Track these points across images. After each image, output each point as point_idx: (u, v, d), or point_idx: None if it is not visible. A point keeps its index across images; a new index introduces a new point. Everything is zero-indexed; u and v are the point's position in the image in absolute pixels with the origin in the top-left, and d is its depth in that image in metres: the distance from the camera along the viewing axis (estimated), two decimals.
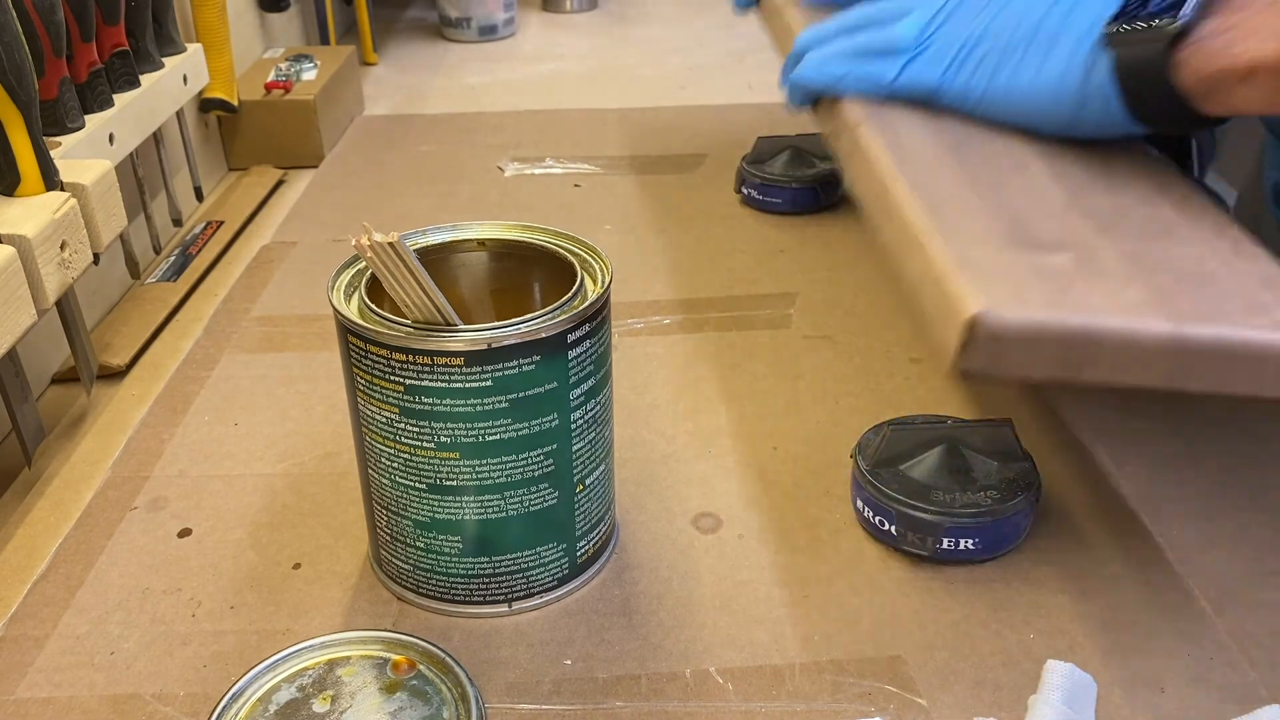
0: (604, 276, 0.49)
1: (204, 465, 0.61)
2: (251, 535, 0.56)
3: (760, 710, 0.46)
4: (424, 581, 0.51)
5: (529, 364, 0.45)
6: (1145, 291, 0.44)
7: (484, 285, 0.53)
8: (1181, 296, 0.44)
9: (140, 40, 0.80)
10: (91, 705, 0.46)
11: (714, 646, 0.49)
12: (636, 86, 1.27)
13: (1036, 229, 0.47)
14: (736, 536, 0.55)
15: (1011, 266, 0.44)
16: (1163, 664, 0.48)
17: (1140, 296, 0.44)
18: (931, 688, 0.47)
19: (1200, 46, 0.47)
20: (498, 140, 1.07)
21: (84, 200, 0.62)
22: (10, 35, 0.58)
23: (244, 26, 1.09)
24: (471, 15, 1.45)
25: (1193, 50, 0.48)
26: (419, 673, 0.44)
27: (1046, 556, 0.53)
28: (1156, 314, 0.42)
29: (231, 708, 0.42)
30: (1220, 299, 0.44)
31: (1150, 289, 0.44)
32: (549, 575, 0.51)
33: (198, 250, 0.86)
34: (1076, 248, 0.46)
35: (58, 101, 0.68)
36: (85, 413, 0.67)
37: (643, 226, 0.89)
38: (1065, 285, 0.44)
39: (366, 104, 1.20)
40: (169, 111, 0.83)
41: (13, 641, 0.50)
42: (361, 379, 0.47)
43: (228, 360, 0.71)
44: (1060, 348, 0.42)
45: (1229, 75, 0.47)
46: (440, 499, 0.48)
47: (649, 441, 0.63)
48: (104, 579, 0.53)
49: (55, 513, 0.58)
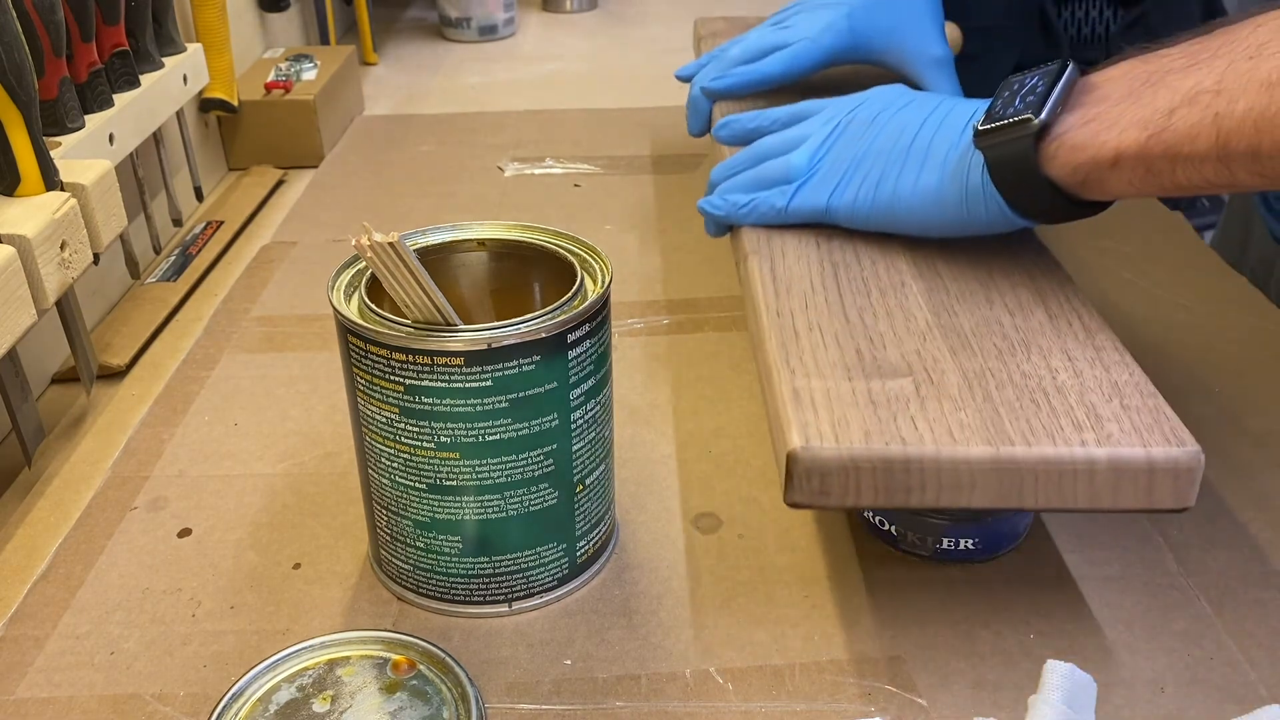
0: (604, 276, 0.49)
1: (204, 465, 0.61)
2: (251, 535, 0.56)
3: (760, 710, 0.46)
4: (424, 581, 0.51)
5: (529, 364, 0.45)
6: (978, 414, 0.46)
7: (484, 285, 0.53)
8: (1015, 416, 0.46)
9: (140, 40, 0.80)
10: (91, 705, 0.46)
11: (714, 646, 0.49)
12: (636, 86, 1.27)
13: (887, 355, 0.50)
14: (736, 536, 0.55)
15: (845, 398, 0.47)
16: (1163, 664, 0.48)
17: (972, 419, 0.46)
18: (931, 688, 0.47)
19: (1065, 139, 0.50)
20: (498, 140, 1.07)
21: (84, 200, 0.62)
22: (10, 35, 0.58)
23: (244, 26, 1.08)
24: (471, 15, 1.45)
25: (1059, 144, 0.50)
26: (419, 673, 0.44)
27: (1046, 556, 0.53)
28: (980, 438, 0.45)
29: (231, 708, 0.42)
30: (1055, 415, 0.46)
31: (985, 411, 0.46)
32: (549, 575, 0.51)
33: (198, 250, 0.86)
34: (921, 372, 0.49)
35: (58, 101, 0.68)
36: (85, 413, 0.67)
37: (643, 226, 0.89)
38: (896, 413, 0.46)
39: (366, 104, 1.20)
40: (169, 111, 0.83)
41: (13, 641, 0.50)
42: (361, 379, 0.47)
43: (228, 360, 0.71)
44: (883, 477, 0.44)
45: (1098, 164, 0.49)
46: (440, 499, 0.48)
47: (649, 441, 0.63)
48: (104, 579, 0.53)
49: (55, 513, 0.58)
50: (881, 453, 0.44)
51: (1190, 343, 0.70)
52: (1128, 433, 0.45)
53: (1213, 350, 0.69)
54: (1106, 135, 0.49)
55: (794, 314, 0.53)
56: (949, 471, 0.44)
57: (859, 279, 0.56)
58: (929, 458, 0.44)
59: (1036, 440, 0.44)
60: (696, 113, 0.80)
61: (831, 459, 0.44)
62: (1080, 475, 0.44)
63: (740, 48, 0.79)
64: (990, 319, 0.53)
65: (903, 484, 0.44)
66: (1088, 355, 0.50)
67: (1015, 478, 0.44)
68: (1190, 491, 0.44)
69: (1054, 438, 0.44)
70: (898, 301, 0.54)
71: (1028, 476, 0.44)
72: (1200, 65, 0.47)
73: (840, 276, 0.57)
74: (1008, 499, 0.45)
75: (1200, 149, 0.46)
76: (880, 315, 0.53)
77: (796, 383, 0.48)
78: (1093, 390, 0.47)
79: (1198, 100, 0.46)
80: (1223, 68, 0.46)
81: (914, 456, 0.44)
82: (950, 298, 0.55)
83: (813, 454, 0.44)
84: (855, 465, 0.44)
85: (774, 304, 0.54)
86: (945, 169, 0.56)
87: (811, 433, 0.45)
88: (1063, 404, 0.46)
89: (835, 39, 0.76)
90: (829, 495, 0.45)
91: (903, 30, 0.75)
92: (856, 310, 0.54)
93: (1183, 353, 0.69)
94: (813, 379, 0.48)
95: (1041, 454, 0.44)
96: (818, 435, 0.45)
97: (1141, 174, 0.48)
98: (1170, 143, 0.46)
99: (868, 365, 0.49)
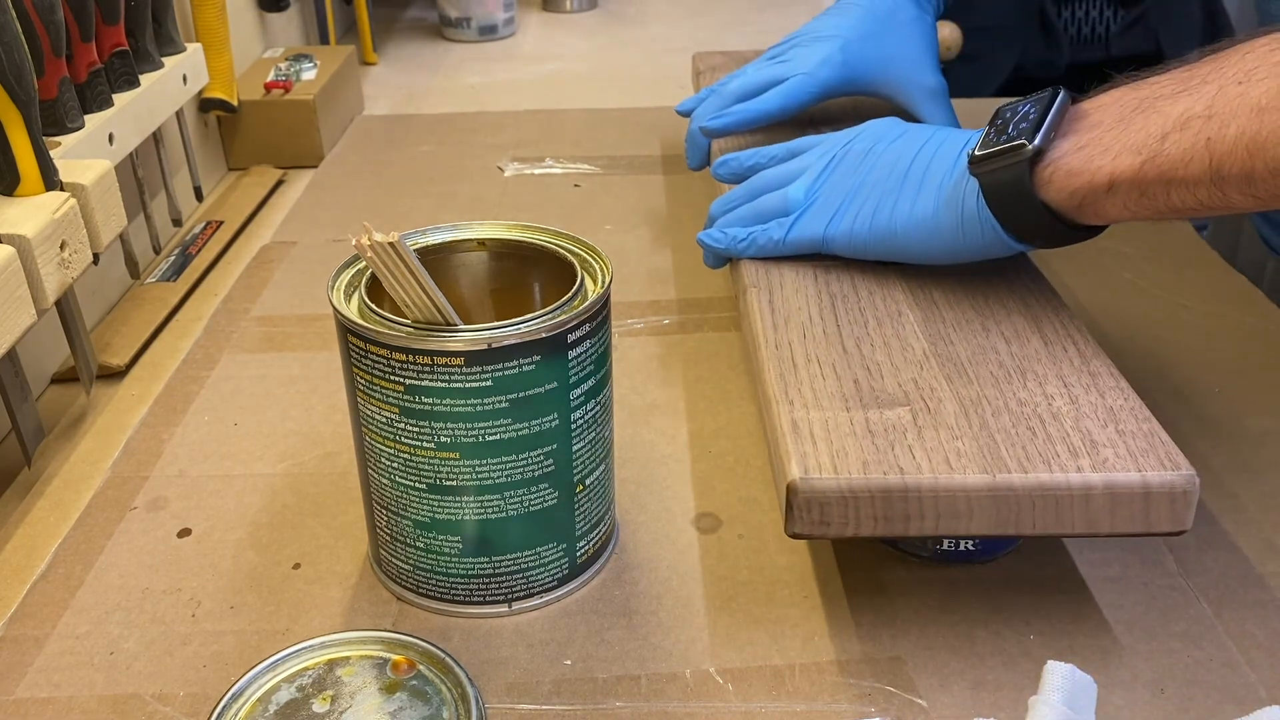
0: (604, 276, 0.49)
1: (204, 465, 0.61)
2: (251, 535, 0.56)
3: (760, 710, 0.46)
4: (424, 581, 0.51)
5: (529, 364, 0.45)
6: (975, 442, 0.47)
7: (484, 285, 0.53)
8: (1011, 444, 0.46)
9: (140, 40, 0.80)
10: (91, 705, 0.46)
11: (714, 646, 0.49)
12: (636, 86, 1.27)
13: (884, 384, 0.51)
14: (736, 536, 0.55)
15: (844, 428, 0.48)
16: (1163, 665, 0.48)
17: (968, 447, 0.46)
18: (931, 688, 0.47)
19: (1059, 165, 0.51)
20: (498, 140, 1.07)
21: (84, 200, 0.62)
22: (10, 35, 0.58)
23: (244, 26, 1.08)
24: (471, 15, 1.45)
25: (1053, 169, 0.51)
26: (419, 673, 0.44)
27: (1046, 557, 0.53)
28: (977, 466, 0.45)
29: (231, 708, 0.42)
30: (1051, 441, 0.47)
31: (981, 439, 0.47)
32: (549, 575, 0.51)
33: (197, 250, 0.86)
34: (919, 401, 0.49)
35: (57, 101, 0.68)
36: (85, 413, 0.67)
37: (643, 226, 0.89)
38: (893, 443, 0.47)
39: (366, 104, 1.20)
40: (169, 111, 0.83)
41: (13, 641, 0.50)
42: (361, 379, 0.47)
43: (228, 360, 0.71)
44: (881, 506, 0.45)
45: (1093, 189, 0.50)
46: (440, 499, 0.48)
47: (649, 441, 0.63)
48: (104, 579, 0.53)
49: (55, 513, 0.58)
50: (880, 483, 0.45)
51: (1190, 343, 0.70)
52: (1123, 458, 0.45)
53: (1213, 350, 0.69)
54: (1101, 160, 0.49)
55: (792, 345, 0.54)
56: (946, 500, 0.45)
57: (856, 309, 0.57)
58: (926, 487, 0.45)
59: (1033, 467, 0.45)
60: (695, 148, 0.81)
61: (830, 490, 0.45)
62: (1076, 501, 0.45)
63: (738, 83, 0.80)
64: (986, 347, 0.53)
65: (901, 513, 0.45)
66: (1083, 381, 0.50)
67: (1012, 505, 0.45)
68: (1187, 515, 0.45)
69: (1050, 464, 0.45)
70: (894, 331, 0.55)
71: (1024, 503, 0.45)
72: (1189, 91, 0.47)
73: (838, 307, 0.57)
74: (1005, 526, 0.45)
75: (1194, 173, 0.46)
76: (878, 345, 0.54)
77: (795, 414, 0.49)
78: (1088, 416, 0.48)
79: (1189, 125, 0.46)
80: (1212, 93, 0.46)
81: (911, 486, 0.45)
82: (946, 326, 0.55)
83: (811, 485, 0.45)
84: (854, 495, 0.45)
85: (773, 336, 0.55)
86: (940, 195, 0.57)
87: (810, 464, 0.45)
88: (1059, 430, 0.47)
89: (831, 72, 0.77)
90: (829, 525, 0.45)
91: (896, 62, 0.77)
92: (854, 340, 0.54)
93: (1183, 353, 0.69)
94: (811, 410, 0.49)
95: (1038, 481, 0.45)
96: (816, 467, 0.45)
97: (1136, 198, 0.49)
98: (1164, 167, 0.47)
99: (865, 395, 0.50)
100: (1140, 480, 0.44)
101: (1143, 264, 0.79)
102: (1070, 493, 0.44)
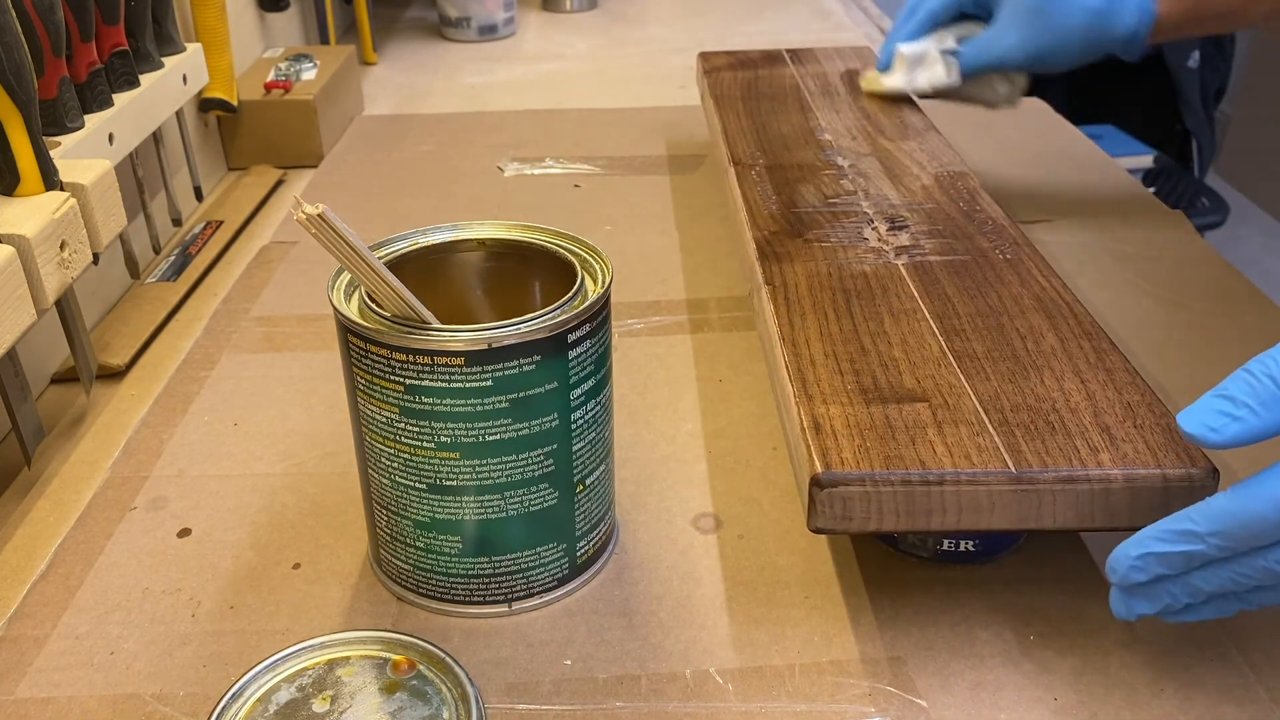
0: (604, 276, 0.49)
1: (204, 465, 0.61)
2: (251, 535, 0.56)
3: (760, 710, 0.46)
4: (424, 581, 0.51)
5: (529, 364, 0.45)
6: (995, 437, 0.47)
7: (484, 285, 0.53)
8: (1031, 438, 0.47)
9: (140, 40, 0.80)
10: (91, 705, 0.46)
11: (714, 646, 0.49)
12: (636, 86, 1.27)
13: (902, 380, 0.51)
14: (736, 536, 0.55)
15: (864, 424, 0.48)
16: (1163, 665, 0.47)
17: (989, 441, 0.47)
18: (931, 688, 0.47)
19: None
20: (498, 140, 1.07)
21: (83, 200, 0.62)
22: (10, 35, 0.57)
23: (244, 26, 1.08)
24: (471, 15, 1.45)
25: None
26: (419, 673, 0.44)
27: (1046, 557, 0.53)
28: (998, 459, 0.46)
29: (231, 708, 0.42)
30: (1070, 436, 0.47)
31: (1001, 433, 0.47)
32: (549, 575, 0.51)
33: (197, 250, 0.86)
34: (937, 396, 0.50)
35: (57, 101, 0.68)
36: (85, 413, 0.67)
37: (643, 226, 0.89)
38: (914, 438, 0.47)
39: (366, 104, 1.20)
40: (168, 111, 0.83)
41: (13, 641, 0.50)
42: (361, 379, 0.47)
43: (228, 360, 0.71)
44: (904, 500, 0.45)
45: None
46: (440, 499, 0.48)
47: (649, 441, 0.63)
48: (104, 579, 0.53)
49: (55, 513, 0.58)
50: (903, 477, 0.45)
51: (1191, 342, 0.70)
52: (1142, 452, 0.46)
53: (1213, 350, 0.69)
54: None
55: (809, 342, 0.54)
56: (969, 494, 0.45)
57: (871, 307, 0.57)
58: (949, 480, 0.45)
59: (1054, 461, 0.45)
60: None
61: (854, 484, 0.45)
62: (1097, 495, 0.45)
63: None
64: (1002, 343, 0.54)
65: (924, 507, 0.45)
66: (1100, 377, 0.51)
67: (1034, 499, 0.45)
68: None
69: (1070, 458, 0.45)
70: (910, 328, 0.55)
71: (1045, 497, 0.45)
72: None
73: (853, 305, 0.58)
74: (1026, 520, 0.45)
75: None
76: (895, 342, 0.54)
77: (815, 409, 0.49)
78: (1106, 411, 0.48)
79: None
80: None
81: (934, 479, 0.45)
82: (962, 323, 0.56)
83: (835, 480, 0.45)
84: (877, 490, 0.45)
85: (789, 334, 0.55)
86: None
87: (833, 459, 0.46)
88: (1077, 425, 0.47)
89: None
90: (851, 520, 0.46)
91: None
92: (870, 337, 0.55)
93: (1184, 352, 0.69)
94: (831, 405, 0.49)
95: (1058, 474, 0.45)
96: (839, 461, 0.45)
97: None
98: None
99: (884, 391, 0.50)
100: (1160, 474, 0.45)
101: (1143, 264, 0.79)
102: (1090, 486, 0.45)
